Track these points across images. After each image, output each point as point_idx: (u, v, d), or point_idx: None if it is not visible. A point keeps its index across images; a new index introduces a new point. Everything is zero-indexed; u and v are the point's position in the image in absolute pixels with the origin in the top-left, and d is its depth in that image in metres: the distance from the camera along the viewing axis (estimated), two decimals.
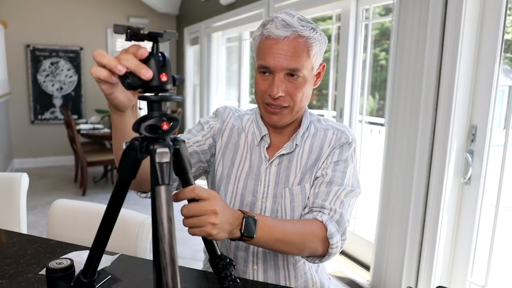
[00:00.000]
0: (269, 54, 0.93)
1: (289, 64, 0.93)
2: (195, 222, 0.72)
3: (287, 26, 0.92)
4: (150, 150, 0.57)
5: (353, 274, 2.72)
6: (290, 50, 0.92)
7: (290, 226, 0.89)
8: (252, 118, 1.11)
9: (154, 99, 0.57)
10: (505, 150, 1.82)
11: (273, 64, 0.93)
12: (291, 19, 0.93)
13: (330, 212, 0.96)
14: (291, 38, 0.92)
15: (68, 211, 1.47)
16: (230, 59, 5.22)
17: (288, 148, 1.05)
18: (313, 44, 0.94)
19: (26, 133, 5.64)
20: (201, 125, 1.11)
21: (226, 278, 0.77)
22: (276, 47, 0.93)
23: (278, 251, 0.91)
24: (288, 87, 0.96)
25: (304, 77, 0.96)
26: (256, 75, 1.00)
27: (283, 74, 0.94)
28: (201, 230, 0.73)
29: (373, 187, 3.22)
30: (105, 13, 5.77)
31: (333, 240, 0.92)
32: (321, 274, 1.17)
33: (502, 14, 1.78)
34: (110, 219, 0.62)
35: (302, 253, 0.94)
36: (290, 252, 0.92)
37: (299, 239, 0.89)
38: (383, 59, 3.75)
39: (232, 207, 1.07)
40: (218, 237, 0.75)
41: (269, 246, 0.87)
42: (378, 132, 3.97)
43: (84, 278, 0.65)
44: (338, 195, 0.99)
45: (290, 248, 0.89)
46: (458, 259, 2.05)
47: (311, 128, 1.09)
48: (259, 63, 0.97)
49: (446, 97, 1.93)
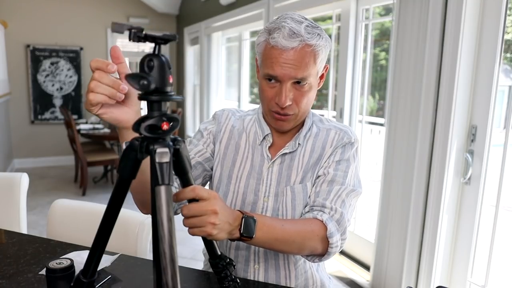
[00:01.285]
0: (276, 63, 0.92)
1: (296, 73, 0.92)
2: (195, 222, 0.72)
3: (293, 36, 0.90)
4: (150, 150, 0.57)
5: (353, 274, 2.72)
6: (298, 60, 0.91)
7: (290, 225, 0.89)
8: (254, 118, 1.12)
9: (154, 99, 0.57)
10: (505, 150, 1.82)
11: (280, 74, 0.93)
12: (299, 27, 0.91)
13: (331, 211, 0.96)
14: (299, 48, 0.91)
15: (68, 211, 1.47)
16: (230, 59, 5.22)
17: (290, 147, 1.05)
18: (319, 52, 0.94)
19: (26, 133, 5.64)
20: (200, 132, 1.12)
21: (226, 278, 0.77)
22: (283, 57, 0.91)
23: (278, 250, 0.91)
24: (295, 95, 0.96)
25: (310, 84, 0.96)
26: (261, 81, 1.00)
27: (290, 83, 0.94)
28: (201, 230, 0.73)
29: (373, 187, 3.22)
30: (105, 13, 5.77)
31: (333, 239, 0.92)
32: (321, 273, 1.17)
33: (502, 14, 1.78)
34: (110, 219, 0.62)
35: (302, 252, 0.94)
36: (290, 252, 0.92)
37: (299, 238, 0.89)
38: (383, 59, 3.75)
39: (234, 206, 1.07)
40: (218, 237, 0.75)
41: (268, 246, 0.87)
42: (378, 132, 3.97)
43: (84, 278, 0.65)
44: (340, 194, 0.99)
45: (290, 248, 0.89)
46: (458, 259, 2.05)
47: (314, 128, 1.09)
48: (266, 72, 0.95)
49: (446, 97, 1.93)
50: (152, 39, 0.56)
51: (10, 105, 5.44)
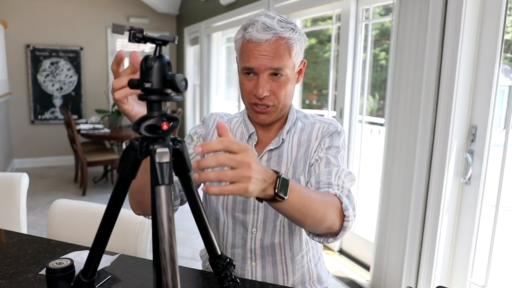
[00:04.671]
0: (252, 56, 0.96)
1: (272, 64, 0.95)
2: (227, 175, 0.62)
3: (267, 29, 0.94)
4: (150, 150, 0.57)
5: (353, 274, 2.72)
6: (272, 51, 0.95)
7: (314, 194, 0.84)
8: (241, 119, 1.14)
9: (154, 99, 0.57)
10: (505, 150, 1.82)
11: (256, 65, 0.96)
12: (271, 21, 0.95)
13: (338, 187, 0.95)
14: (273, 41, 0.95)
15: (68, 211, 1.47)
16: (230, 59, 5.22)
17: (275, 143, 1.07)
18: (294, 44, 0.97)
19: (26, 133, 5.64)
20: (190, 136, 1.15)
21: (226, 278, 0.77)
22: (258, 49, 0.95)
23: (299, 220, 0.82)
24: (272, 86, 0.98)
25: (286, 75, 0.99)
26: (240, 76, 1.03)
27: (267, 74, 0.97)
28: (237, 186, 0.63)
29: (373, 187, 3.22)
30: (105, 13, 5.77)
31: (348, 212, 0.88)
32: (320, 268, 1.18)
33: (502, 14, 1.78)
34: (110, 219, 0.63)
35: (321, 225, 0.85)
36: (311, 223, 0.83)
37: (322, 207, 0.83)
38: (383, 59, 3.75)
39: (226, 205, 1.09)
40: (252, 194, 0.66)
41: (294, 213, 0.79)
42: (378, 132, 3.97)
43: (84, 278, 0.65)
44: (339, 175, 0.99)
45: (313, 217, 0.81)
46: (458, 259, 2.05)
47: (298, 123, 1.11)
48: (243, 65, 0.99)
49: (446, 97, 1.93)
50: (152, 40, 0.56)
51: (10, 105, 5.44)
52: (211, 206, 1.12)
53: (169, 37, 0.56)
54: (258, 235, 1.07)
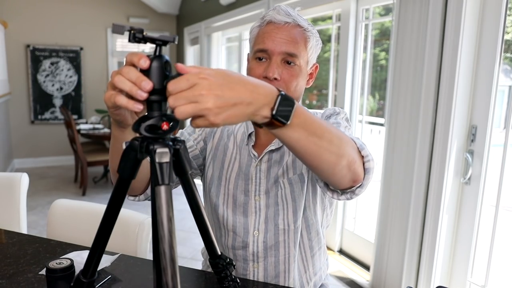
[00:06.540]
0: (269, 37, 0.95)
1: (287, 48, 0.94)
2: (184, 96, 0.54)
3: (288, 14, 0.96)
4: (150, 150, 0.57)
5: (353, 274, 2.72)
6: (290, 36, 0.95)
7: (326, 123, 0.71)
8: None
9: (154, 99, 0.57)
10: (505, 150, 1.82)
11: (271, 47, 0.94)
12: (292, 11, 0.98)
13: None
14: (291, 26, 0.95)
15: (68, 211, 1.47)
16: (230, 59, 5.22)
17: (277, 144, 1.05)
18: (310, 37, 0.97)
19: (26, 133, 5.64)
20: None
21: (226, 278, 0.77)
22: (276, 31, 0.95)
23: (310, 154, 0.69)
24: (284, 73, 0.96)
25: (300, 66, 0.96)
26: (250, 63, 1.00)
27: (280, 58, 0.95)
28: (194, 106, 0.54)
29: (373, 187, 3.22)
30: (105, 13, 5.77)
31: (365, 151, 0.79)
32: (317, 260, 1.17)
33: (502, 14, 1.78)
34: (110, 219, 0.62)
35: (340, 162, 0.72)
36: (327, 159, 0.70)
37: (337, 139, 0.71)
38: (383, 59, 3.75)
39: (226, 208, 1.07)
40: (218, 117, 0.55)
41: (303, 143, 0.67)
42: (378, 132, 3.96)
43: (84, 278, 0.65)
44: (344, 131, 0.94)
45: (328, 149, 0.69)
46: (458, 259, 2.05)
47: None
48: (257, 48, 0.97)
49: (446, 97, 1.93)
50: (152, 40, 0.56)
51: (10, 105, 5.44)
52: (212, 209, 1.11)
53: (169, 37, 0.56)
54: (261, 237, 1.06)
